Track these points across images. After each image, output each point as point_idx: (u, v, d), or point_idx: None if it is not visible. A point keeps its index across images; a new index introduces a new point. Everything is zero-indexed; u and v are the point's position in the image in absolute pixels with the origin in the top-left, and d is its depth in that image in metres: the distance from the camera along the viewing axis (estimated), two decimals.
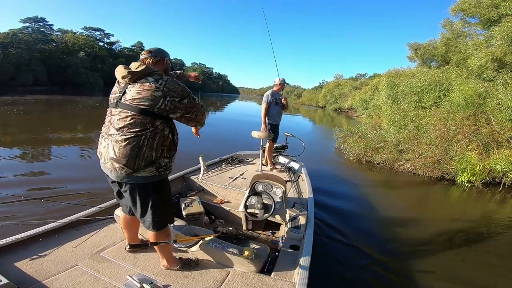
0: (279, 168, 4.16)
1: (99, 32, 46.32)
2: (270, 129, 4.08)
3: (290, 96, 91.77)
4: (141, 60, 1.57)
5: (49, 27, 38.53)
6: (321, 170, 6.53)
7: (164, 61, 1.63)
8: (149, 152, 1.42)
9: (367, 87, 32.03)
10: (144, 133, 1.39)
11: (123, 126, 1.38)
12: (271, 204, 2.45)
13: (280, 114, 4.23)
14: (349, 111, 34.51)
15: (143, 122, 1.38)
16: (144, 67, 1.42)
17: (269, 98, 4.05)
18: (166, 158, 1.51)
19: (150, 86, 1.38)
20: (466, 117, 6.58)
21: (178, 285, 1.61)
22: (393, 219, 4.16)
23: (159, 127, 1.43)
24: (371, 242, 3.39)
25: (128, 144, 1.37)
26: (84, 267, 1.67)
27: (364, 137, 7.87)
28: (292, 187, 3.36)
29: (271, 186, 2.77)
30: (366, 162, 7.27)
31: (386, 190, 5.99)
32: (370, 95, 28.21)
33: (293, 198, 3.02)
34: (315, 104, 52.90)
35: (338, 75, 55.93)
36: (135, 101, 1.38)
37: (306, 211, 2.60)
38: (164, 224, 1.63)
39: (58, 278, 1.55)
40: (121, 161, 1.39)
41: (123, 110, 1.40)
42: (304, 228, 2.35)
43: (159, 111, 1.40)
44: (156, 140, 1.43)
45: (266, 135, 3.93)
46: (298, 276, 1.72)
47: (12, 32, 31.91)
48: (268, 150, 4.09)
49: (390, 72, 14.14)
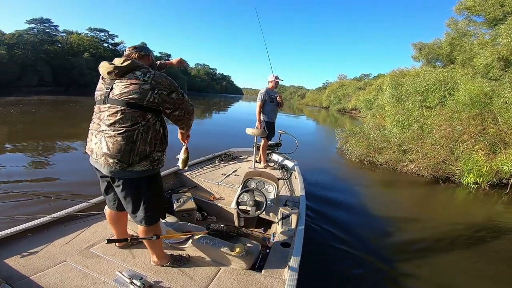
0: (272, 166, 4.16)
1: (104, 33, 46.80)
2: (266, 127, 4.10)
3: (293, 97, 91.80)
4: (126, 55, 1.56)
5: (54, 28, 38.91)
6: (322, 170, 6.44)
7: (149, 57, 1.63)
8: (143, 146, 1.42)
9: (371, 87, 31.96)
10: (137, 128, 1.39)
11: (114, 121, 1.38)
12: (263, 201, 2.45)
13: (275, 112, 4.25)
14: (353, 112, 34.37)
15: (134, 116, 1.38)
16: (130, 62, 1.42)
17: (264, 96, 4.07)
18: (159, 152, 1.52)
19: (137, 80, 1.39)
20: (472, 117, 6.40)
21: (168, 281, 1.60)
22: (393, 220, 4.03)
23: (151, 120, 1.43)
24: (366, 241, 3.31)
25: (122, 139, 1.37)
26: (73, 263, 1.65)
27: (366, 137, 7.72)
28: (284, 185, 3.36)
29: (264, 183, 2.78)
30: (368, 163, 7.12)
31: (388, 191, 5.85)
32: (374, 95, 28.09)
33: (285, 196, 3.02)
34: (319, 105, 52.75)
35: (342, 76, 55.93)
36: (124, 95, 1.37)
37: (298, 208, 2.60)
38: (156, 219, 1.62)
39: (46, 274, 1.53)
40: (116, 156, 1.38)
41: (113, 105, 1.39)
42: (296, 225, 2.36)
43: (148, 104, 1.40)
44: (149, 134, 1.43)
45: (260, 132, 3.95)
46: (288, 273, 1.72)
47: (18, 33, 32.26)
48: (262, 147, 4.12)
49: (394, 72, 14.08)
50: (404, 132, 7.53)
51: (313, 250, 2.86)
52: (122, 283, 1.51)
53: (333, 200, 4.54)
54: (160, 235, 1.65)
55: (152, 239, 1.61)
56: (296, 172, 3.82)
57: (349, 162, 7.44)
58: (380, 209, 4.50)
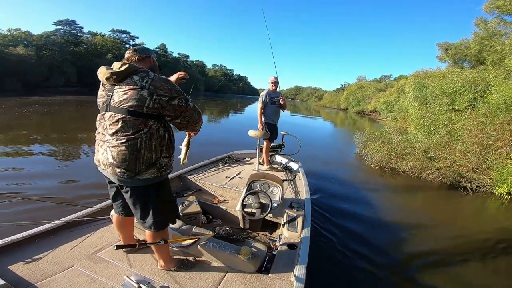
0: (276, 167, 4.15)
1: (125, 34, 48.37)
2: (267, 129, 4.08)
3: (310, 98, 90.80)
4: (125, 58, 1.50)
5: (79, 30, 40.58)
6: (339, 176, 6.16)
7: (150, 59, 1.54)
8: (148, 154, 1.38)
9: (392, 89, 31.06)
10: (140, 136, 1.34)
11: (116, 130, 1.34)
12: (268, 203, 2.43)
13: (277, 114, 4.20)
14: (373, 114, 33.53)
15: (135, 124, 1.33)
16: (127, 66, 1.34)
17: (265, 98, 4.05)
18: (166, 158, 1.47)
19: (135, 86, 1.31)
20: (507, 122, 5.90)
21: (175, 286, 1.60)
22: (415, 229, 3.77)
23: (153, 127, 1.37)
24: (381, 248, 3.18)
25: (125, 148, 1.33)
26: (81, 268, 1.65)
27: (388, 142, 7.31)
28: (289, 186, 3.34)
29: (268, 185, 2.78)
30: (389, 170, 6.72)
31: (410, 199, 5.46)
32: (395, 97, 27.23)
33: (291, 197, 3.00)
34: (337, 107, 51.78)
35: (361, 77, 54.85)
36: (123, 102, 1.31)
37: (303, 210, 2.59)
38: (165, 224, 1.60)
39: (54, 279, 1.53)
40: (122, 165, 1.35)
41: (114, 113, 1.34)
42: (301, 227, 2.34)
43: (148, 110, 1.33)
44: (153, 141, 1.38)
45: (263, 134, 3.94)
46: (296, 275, 1.71)
47: (46, 35, 33.93)
48: (265, 149, 4.09)
49: (417, 73, 13.58)
50: (430, 137, 7.07)
51: (321, 252, 2.82)
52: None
53: (350, 206, 4.31)
54: (167, 239, 1.63)
55: (160, 244, 1.59)
56: (300, 173, 3.78)
57: (368, 168, 7.07)
58: (400, 217, 4.22)
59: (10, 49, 29.18)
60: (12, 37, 30.70)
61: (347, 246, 3.10)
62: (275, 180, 2.77)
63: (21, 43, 30.20)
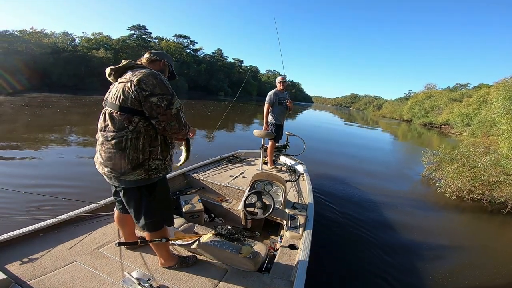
0: (280, 168, 4.13)
1: (186, 39, 51.72)
2: (274, 130, 4.04)
3: (368, 107, 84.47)
4: (139, 60, 1.52)
5: (148, 35, 44.67)
6: (398, 203, 4.95)
7: (160, 63, 1.54)
8: (134, 154, 1.31)
9: (470, 99, 27.00)
10: (125, 133, 1.28)
11: (104, 126, 1.33)
12: (270, 204, 2.37)
13: (283, 114, 4.16)
14: (443, 127, 29.55)
15: (120, 120, 1.28)
16: (126, 62, 1.38)
17: (272, 98, 3.98)
18: (158, 160, 1.40)
19: (125, 79, 1.29)
20: None
21: (176, 283, 1.59)
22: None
23: (140, 125, 1.30)
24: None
25: (111, 146, 1.29)
26: (82, 263, 1.65)
27: (472, 166, 5.59)
28: (292, 187, 3.34)
29: (272, 185, 2.78)
30: (471, 202, 5.12)
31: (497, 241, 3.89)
32: (474, 109, 23.35)
33: (293, 198, 2.99)
34: (398, 117, 46.91)
35: (429, 85, 49.66)
36: (114, 97, 1.30)
37: (305, 211, 2.60)
38: (158, 226, 1.55)
39: (56, 274, 1.53)
40: (107, 164, 1.33)
41: (108, 108, 1.33)
42: (303, 228, 2.35)
43: (132, 105, 1.27)
44: (140, 141, 1.31)
45: (268, 134, 3.92)
46: (296, 275, 1.70)
47: (122, 39, 38.07)
48: (269, 149, 4.06)
49: (505, 80, 11.32)
50: None
51: (322, 253, 2.83)
52: (129, 284, 1.50)
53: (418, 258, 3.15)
54: (168, 237, 1.62)
55: (161, 242, 1.57)
56: (304, 174, 3.76)
57: (439, 196, 5.50)
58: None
59: (93, 52, 33.42)
60: (95, 41, 35.24)
61: (351, 251, 3.00)
62: (278, 181, 2.76)
63: (103, 46, 34.46)
